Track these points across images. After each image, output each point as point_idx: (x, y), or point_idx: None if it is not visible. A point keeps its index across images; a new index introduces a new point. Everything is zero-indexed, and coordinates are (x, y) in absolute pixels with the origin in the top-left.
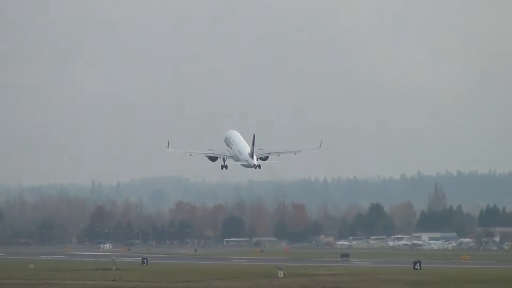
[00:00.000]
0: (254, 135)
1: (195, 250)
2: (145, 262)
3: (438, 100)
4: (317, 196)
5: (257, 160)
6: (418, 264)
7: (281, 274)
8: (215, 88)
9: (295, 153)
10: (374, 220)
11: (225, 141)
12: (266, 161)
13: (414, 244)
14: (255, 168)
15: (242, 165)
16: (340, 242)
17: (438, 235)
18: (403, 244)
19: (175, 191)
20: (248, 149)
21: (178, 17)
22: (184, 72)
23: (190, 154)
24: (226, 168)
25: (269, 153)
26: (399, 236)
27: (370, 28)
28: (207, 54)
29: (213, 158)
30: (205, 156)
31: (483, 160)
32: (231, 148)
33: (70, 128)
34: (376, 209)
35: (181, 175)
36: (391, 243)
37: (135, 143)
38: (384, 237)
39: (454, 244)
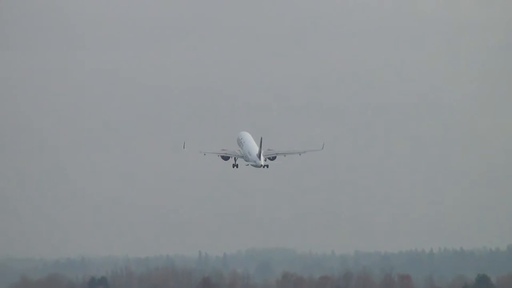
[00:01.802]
0: (261, 138)
1: None
2: None
3: None
4: (423, 267)
5: (265, 160)
6: None
7: None
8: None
9: (299, 154)
10: None
11: (237, 141)
12: (274, 161)
13: None
14: (263, 167)
15: (252, 165)
16: None
17: None
18: None
19: (281, 263)
20: (256, 150)
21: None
22: None
23: (204, 154)
24: (237, 167)
25: (277, 153)
26: None
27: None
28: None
29: (225, 158)
30: (218, 155)
31: None
32: (242, 149)
33: (176, 199)
34: (483, 280)
35: (287, 247)
36: None
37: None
38: None
39: None
